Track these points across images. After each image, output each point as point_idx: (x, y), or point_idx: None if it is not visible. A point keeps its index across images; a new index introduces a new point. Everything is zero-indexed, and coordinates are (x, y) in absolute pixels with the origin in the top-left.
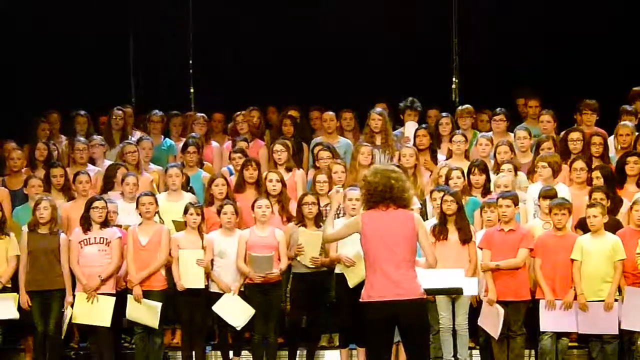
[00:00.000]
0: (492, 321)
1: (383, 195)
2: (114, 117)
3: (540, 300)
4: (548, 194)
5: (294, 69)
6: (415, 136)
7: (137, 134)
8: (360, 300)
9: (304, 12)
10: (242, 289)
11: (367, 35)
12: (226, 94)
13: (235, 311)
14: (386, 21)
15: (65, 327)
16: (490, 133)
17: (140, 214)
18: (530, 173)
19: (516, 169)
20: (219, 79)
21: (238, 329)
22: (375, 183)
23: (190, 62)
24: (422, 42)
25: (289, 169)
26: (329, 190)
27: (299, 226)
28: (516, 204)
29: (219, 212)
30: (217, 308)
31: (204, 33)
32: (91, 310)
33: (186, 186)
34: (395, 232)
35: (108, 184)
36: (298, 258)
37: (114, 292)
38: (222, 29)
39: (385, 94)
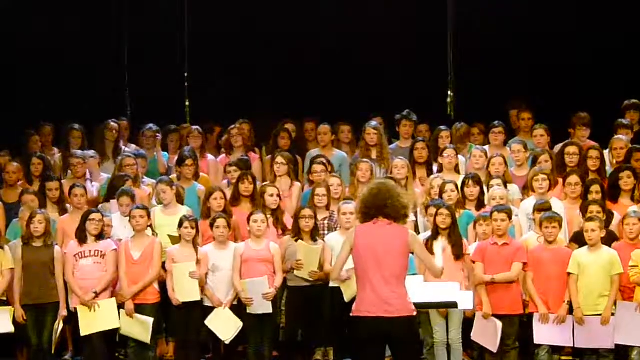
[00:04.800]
0: (489, 335)
1: (367, 206)
2: (109, 130)
3: (534, 314)
4: (543, 207)
5: (289, 82)
6: (413, 149)
7: (132, 147)
8: (351, 314)
9: (300, 26)
10: (235, 303)
11: (362, 49)
12: (221, 107)
13: (225, 325)
14: (382, 35)
15: (55, 340)
16: (486, 146)
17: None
18: (526, 187)
19: (505, 183)
20: (214, 92)
21: (227, 342)
22: (367, 196)
23: (186, 75)
24: (417, 56)
25: (290, 183)
26: (327, 204)
27: (295, 239)
28: (510, 217)
29: (211, 226)
30: (209, 322)
31: (199, 46)
32: (96, 318)
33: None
34: (386, 247)
35: (111, 193)
36: (296, 272)
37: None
38: (217, 43)
39: (381, 108)
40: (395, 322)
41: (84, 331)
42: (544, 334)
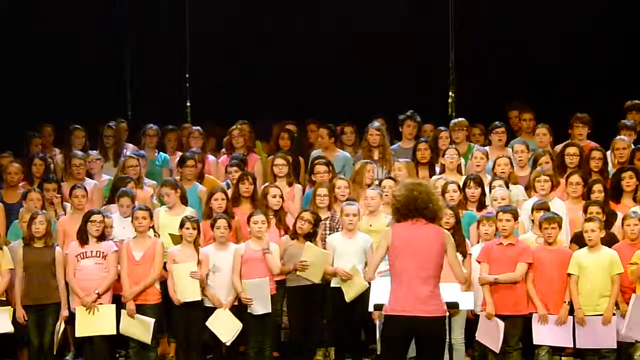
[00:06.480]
0: (492, 335)
1: (408, 208)
2: (105, 135)
3: (534, 314)
4: (541, 208)
5: (291, 83)
6: (416, 150)
7: (130, 147)
8: (384, 312)
9: (303, 28)
10: (236, 303)
11: (364, 49)
12: (222, 107)
13: (226, 326)
14: (383, 36)
15: (57, 341)
16: (487, 147)
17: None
18: (528, 188)
19: (507, 184)
20: (215, 93)
21: (227, 344)
22: (401, 197)
23: (187, 75)
24: (419, 56)
25: (289, 183)
26: (329, 205)
27: (292, 239)
28: (516, 218)
29: (212, 226)
30: (210, 323)
31: (200, 47)
32: (94, 322)
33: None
34: (424, 247)
35: (114, 195)
36: (299, 272)
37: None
38: (218, 43)
39: (383, 109)
40: (428, 321)
41: (80, 333)
42: (544, 334)
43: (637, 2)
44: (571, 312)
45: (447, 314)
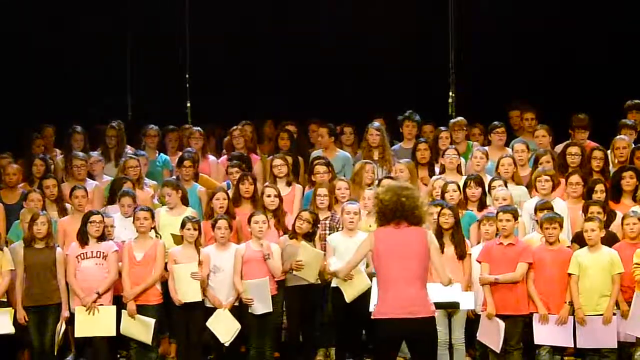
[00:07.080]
0: (493, 335)
1: (394, 213)
2: (108, 135)
3: (534, 314)
4: (544, 207)
5: (292, 83)
6: (416, 150)
7: (129, 148)
8: (372, 316)
9: (303, 27)
10: (237, 304)
11: (363, 49)
12: (223, 108)
13: (225, 327)
14: (383, 35)
15: (58, 342)
16: (486, 147)
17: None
18: (528, 187)
19: (506, 184)
20: (216, 93)
21: (226, 344)
22: (387, 201)
23: (187, 75)
24: (419, 56)
25: (289, 183)
26: (329, 205)
27: (290, 238)
28: (516, 218)
29: (213, 227)
30: (210, 324)
31: (200, 47)
32: (93, 322)
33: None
34: (408, 249)
35: (113, 196)
36: (295, 272)
37: (111, 305)
38: (218, 43)
39: (383, 109)
40: (418, 322)
41: (79, 333)
42: (544, 334)
43: (637, 2)
44: (572, 312)
45: (436, 313)
